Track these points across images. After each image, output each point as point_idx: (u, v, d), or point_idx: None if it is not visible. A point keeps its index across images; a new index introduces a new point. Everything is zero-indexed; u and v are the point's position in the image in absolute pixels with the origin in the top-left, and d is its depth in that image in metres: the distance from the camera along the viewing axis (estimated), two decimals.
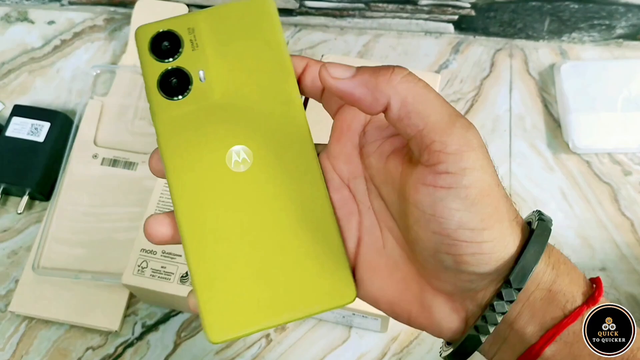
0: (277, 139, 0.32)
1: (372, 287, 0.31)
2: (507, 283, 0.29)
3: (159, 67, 0.32)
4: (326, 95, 0.32)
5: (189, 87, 0.32)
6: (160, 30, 0.32)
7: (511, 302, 0.29)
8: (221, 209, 0.31)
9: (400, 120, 0.28)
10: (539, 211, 0.32)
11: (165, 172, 0.31)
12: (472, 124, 0.28)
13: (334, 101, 0.32)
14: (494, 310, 0.29)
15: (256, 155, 0.31)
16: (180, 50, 0.32)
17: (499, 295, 0.29)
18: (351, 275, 0.31)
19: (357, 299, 0.31)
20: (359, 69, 0.28)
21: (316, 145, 0.33)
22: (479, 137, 0.28)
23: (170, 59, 0.32)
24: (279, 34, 0.33)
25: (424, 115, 0.27)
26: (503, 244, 0.28)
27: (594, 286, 0.31)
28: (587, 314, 0.30)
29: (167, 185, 0.34)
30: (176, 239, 0.31)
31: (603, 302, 0.30)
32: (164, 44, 0.32)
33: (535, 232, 0.29)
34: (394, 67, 0.28)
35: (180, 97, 0.32)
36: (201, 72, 0.32)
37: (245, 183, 0.31)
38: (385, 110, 0.28)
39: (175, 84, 0.32)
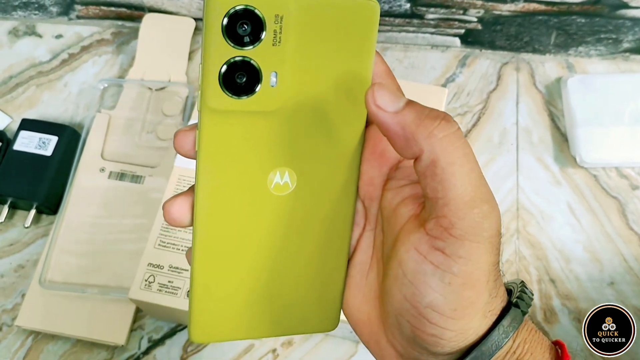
0: (325, 169, 0.29)
1: (346, 299, 0.32)
2: None
3: (228, 52, 0.26)
4: None
5: (256, 88, 0.27)
6: (243, 6, 0.25)
7: None
8: (241, 219, 0.29)
9: (424, 176, 0.26)
10: (523, 284, 0.30)
11: (197, 161, 0.28)
12: (494, 211, 0.26)
13: None
14: None
15: (300, 182, 0.29)
16: (260, 39, 0.26)
17: None
18: (340, 308, 0.31)
19: None
20: (408, 105, 0.26)
21: None
22: (494, 227, 0.26)
23: (245, 48, 0.26)
24: (373, 50, 0.28)
25: (448, 185, 0.25)
26: (464, 336, 0.27)
27: (559, 352, 0.30)
28: None
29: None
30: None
31: None
32: (243, 25, 0.26)
33: (505, 318, 0.28)
34: (442, 117, 0.26)
35: (242, 96, 0.27)
36: (274, 75, 0.27)
37: (278, 207, 0.29)
38: (415, 159, 0.26)
39: (241, 80, 0.26)
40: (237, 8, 0.25)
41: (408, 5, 0.66)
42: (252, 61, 0.26)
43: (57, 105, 0.70)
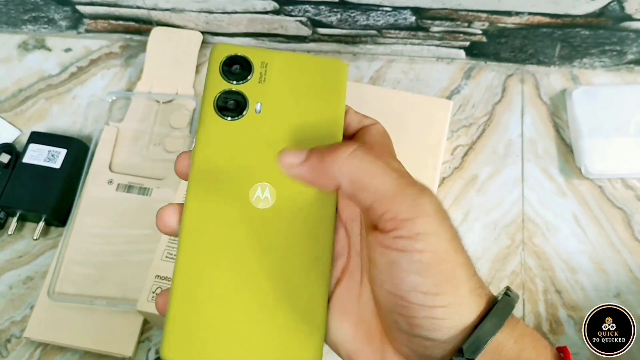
0: (303, 189, 0.32)
1: (337, 332, 0.31)
2: (460, 352, 0.28)
3: (223, 85, 0.33)
4: None
5: (244, 112, 0.33)
6: (238, 54, 0.34)
7: None
8: (226, 237, 0.31)
9: (353, 197, 0.29)
10: (507, 287, 0.31)
11: (189, 177, 0.32)
12: (425, 190, 0.28)
13: None
14: None
15: (279, 198, 0.32)
16: (248, 77, 0.33)
17: None
18: (322, 343, 0.31)
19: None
20: (309, 153, 0.29)
21: None
22: (434, 203, 0.28)
23: (236, 82, 0.33)
24: (343, 95, 0.34)
25: (372, 189, 0.28)
26: (457, 312, 0.28)
27: (561, 355, 0.30)
28: None
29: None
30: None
31: None
32: (236, 67, 0.34)
33: (496, 304, 0.29)
34: (338, 145, 0.29)
35: (231, 118, 0.33)
36: (259, 104, 0.33)
37: (259, 220, 0.31)
38: (339, 190, 0.29)
39: (231, 105, 0.33)
40: (236, 55, 0.34)
41: (413, 18, 0.66)
42: (241, 92, 0.33)
43: (66, 118, 0.71)
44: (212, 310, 0.30)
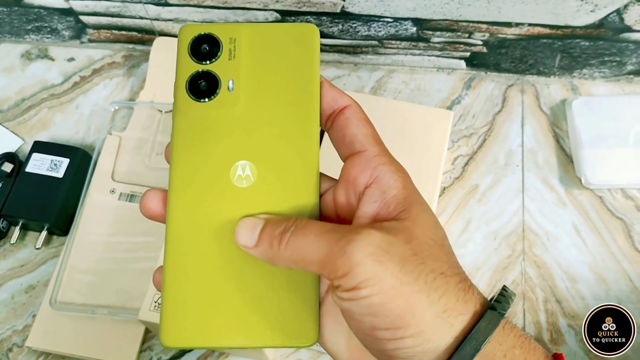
0: (284, 164, 0.32)
1: (331, 342, 0.32)
2: None
3: (193, 67, 0.33)
4: (332, 134, 0.33)
5: (216, 92, 0.33)
6: (203, 33, 0.33)
7: None
8: (212, 219, 0.31)
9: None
10: (501, 292, 0.31)
11: (170, 163, 0.32)
12: (355, 236, 0.28)
13: (341, 144, 0.33)
14: None
15: (260, 175, 0.32)
16: (217, 56, 0.33)
17: None
18: (317, 320, 0.31)
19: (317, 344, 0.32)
20: (260, 237, 0.30)
21: (329, 177, 0.33)
22: (366, 245, 0.28)
23: (206, 62, 0.33)
24: (316, 64, 0.33)
25: (310, 261, 0.29)
26: (426, 337, 0.28)
27: None
28: None
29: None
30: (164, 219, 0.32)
31: None
32: (204, 46, 0.33)
33: (478, 324, 0.29)
34: (282, 231, 0.29)
35: (205, 100, 0.32)
36: (231, 82, 0.33)
37: (242, 199, 0.32)
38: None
39: (203, 87, 0.33)
40: (202, 34, 0.33)
41: (414, 29, 0.67)
42: (211, 71, 0.33)
43: (68, 127, 0.71)
44: (205, 292, 0.31)
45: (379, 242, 0.28)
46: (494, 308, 0.29)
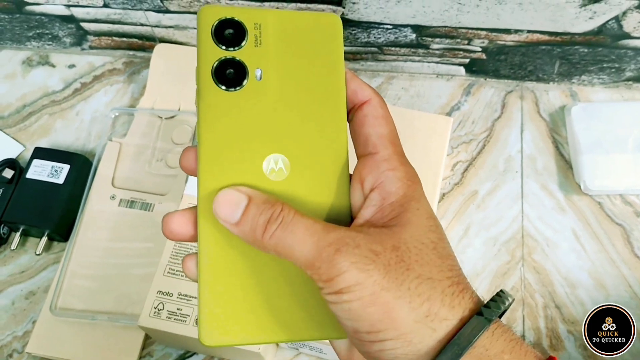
0: (317, 158, 0.31)
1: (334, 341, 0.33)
2: None
3: (218, 53, 0.31)
4: (351, 129, 0.33)
5: (244, 81, 0.31)
6: (228, 17, 0.31)
7: None
8: None
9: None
10: (501, 291, 0.31)
11: (197, 161, 0.31)
12: (340, 249, 0.28)
13: (356, 143, 0.33)
14: None
15: (293, 169, 0.31)
16: (243, 42, 0.31)
17: None
18: None
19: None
20: (242, 217, 0.29)
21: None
22: (350, 257, 0.28)
23: (232, 49, 0.31)
24: (341, 53, 0.32)
25: (293, 257, 0.29)
26: (406, 340, 0.28)
27: None
28: None
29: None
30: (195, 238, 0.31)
31: None
32: (228, 31, 0.31)
33: (462, 330, 0.29)
34: (267, 220, 0.29)
35: (233, 89, 0.31)
36: (259, 71, 0.31)
37: (275, 193, 0.31)
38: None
39: (231, 75, 0.31)
40: (226, 18, 0.31)
41: (414, 36, 0.67)
42: (239, 59, 0.31)
43: (69, 133, 0.71)
44: (243, 289, 0.30)
45: (366, 252, 0.28)
46: (481, 313, 0.29)
